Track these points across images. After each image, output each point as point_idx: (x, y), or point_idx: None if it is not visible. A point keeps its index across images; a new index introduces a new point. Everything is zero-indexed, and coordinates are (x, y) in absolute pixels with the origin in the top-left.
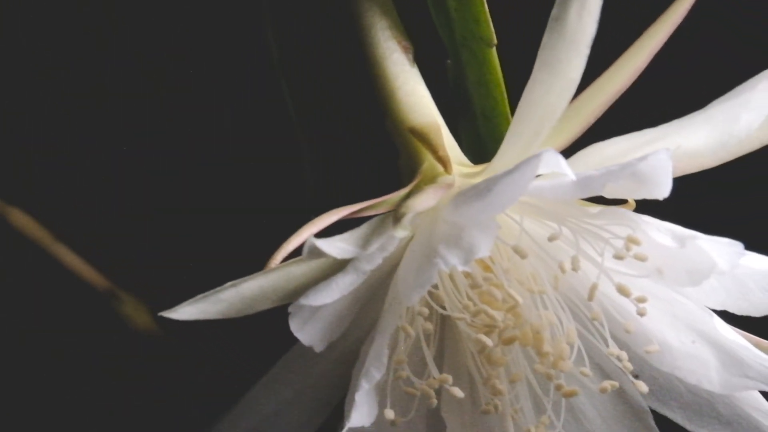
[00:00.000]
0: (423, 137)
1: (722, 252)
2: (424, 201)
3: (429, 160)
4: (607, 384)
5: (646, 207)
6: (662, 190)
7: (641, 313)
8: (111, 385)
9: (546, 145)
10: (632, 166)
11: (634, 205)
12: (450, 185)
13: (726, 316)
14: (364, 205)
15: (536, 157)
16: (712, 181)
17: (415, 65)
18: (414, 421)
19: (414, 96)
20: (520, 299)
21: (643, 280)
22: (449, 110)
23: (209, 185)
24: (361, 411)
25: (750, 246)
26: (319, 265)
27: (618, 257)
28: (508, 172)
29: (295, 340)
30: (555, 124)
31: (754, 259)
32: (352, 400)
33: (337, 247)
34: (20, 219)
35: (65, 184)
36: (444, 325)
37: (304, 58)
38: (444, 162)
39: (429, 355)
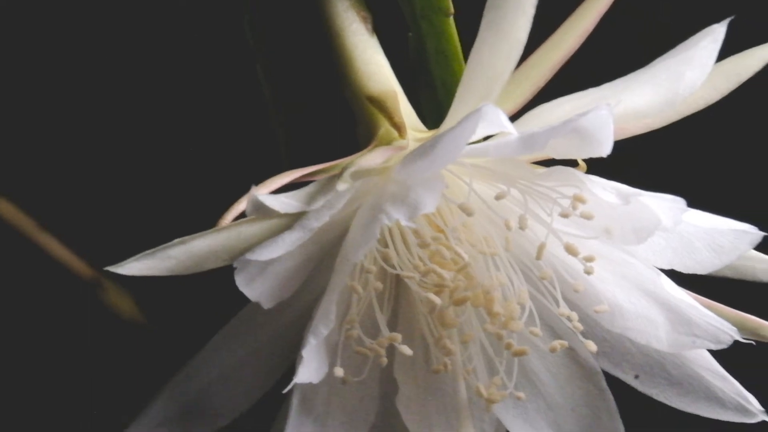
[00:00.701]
0: (380, 104)
1: (666, 208)
2: (371, 159)
3: (385, 127)
4: (557, 343)
5: None
6: (604, 147)
7: (588, 272)
8: (95, 373)
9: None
10: (573, 122)
11: (585, 167)
12: (402, 148)
13: (673, 275)
14: (316, 168)
15: (476, 111)
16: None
17: (374, 35)
18: (367, 382)
19: (372, 65)
20: (466, 257)
21: (592, 241)
22: (412, 81)
23: (192, 174)
24: (309, 367)
25: None
26: (271, 226)
27: (564, 215)
28: (450, 128)
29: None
30: (504, 88)
31: (698, 216)
32: (300, 356)
33: (280, 201)
34: (5, 208)
35: (49, 174)
36: (399, 287)
37: (280, 43)
38: (399, 127)
39: (380, 314)
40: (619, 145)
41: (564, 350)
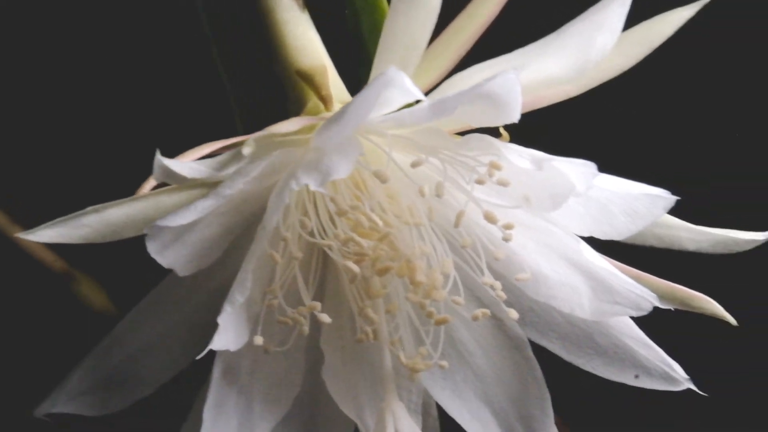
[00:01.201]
0: (309, 78)
1: (578, 172)
2: (284, 126)
3: (313, 101)
4: (479, 312)
5: None
6: (515, 112)
7: (506, 239)
8: (67, 364)
9: (417, 82)
10: (481, 87)
11: (507, 137)
12: (323, 119)
13: (604, 246)
14: (237, 140)
15: (381, 75)
16: None
17: (306, 11)
18: (293, 352)
19: (302, 40)
20: (380, 224)
21: (517, 211)
22: (350, 58)
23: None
24: (226, 335)
25: None
26: (190, 196)
27: (480, 182)
28: (358, 93)
29: None
30: (424, 58)
31: (612, 181)
32: (216, 324)
33: (188, 167)
34: None
35: (20, 167)
36: (327, 258)
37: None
38: (325, 100)
39: (302, 283)
40: (534, 114)
41: (491, 321)
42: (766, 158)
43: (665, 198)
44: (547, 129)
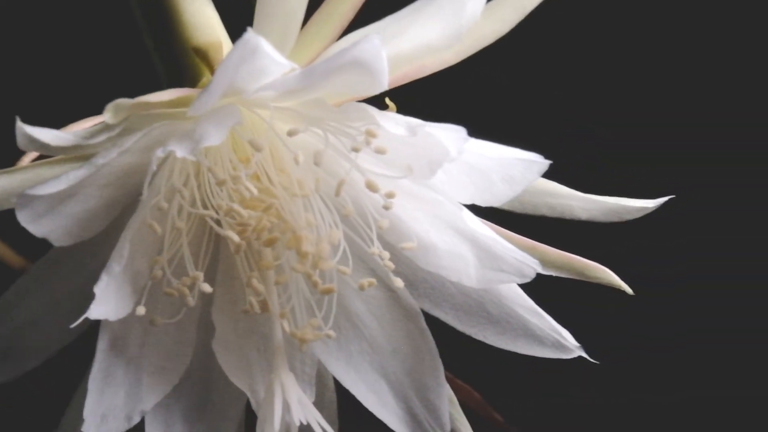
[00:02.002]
0: (203, 54)
1: (450, 137)
2: (157, 96)
3: (207, 76)
4: (365, 281)
5: None
6: (381, 78)
7: (387, 207)
8: None
9: (301, 54)
10: (346, 52)
11: (395, 107)
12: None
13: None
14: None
15: (240, 40)
16: None
17: None
18: (184, 325)
19: (199, 16)
20: (255, 191)
21: (403, 182)
22: None
23: None
24: (103, 305)
25: None
26: (69, 168)
27: (356, 149)
28: (222, 60)
29: None
30: (305, 29)
31: (488, 147)
32: (93, 294)
33: (53, 134)
34: None
35: None
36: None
37: None
38: None
39: (188, 254)
40: (409, 86)
41: (386, 293)
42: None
43: (539, 162)
44: (425, 98)
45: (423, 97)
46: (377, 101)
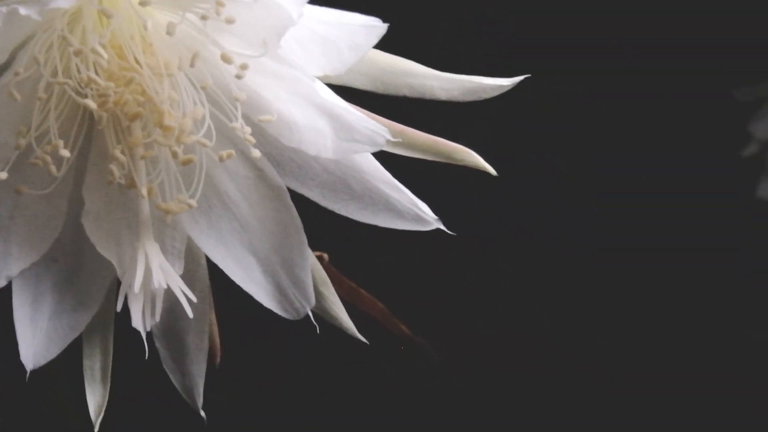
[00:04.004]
0: None
1: (289, 1)
2: None
3: None
4: (224, 153)
5: None
6: None
7: (239, 76)
8: None
9: None
10: None
11: None
12: None
13: None
14: None
15: None
16: None
17: None
18: (54, 198)
19: None
20: (104, 55)
21: (262, 59)
22: None
23: None
24: None
25: None
26: None
27: (204, 17)
28: None
29: None
30: None
31: (328, 13)
32: None
33: None
34: None
35: None
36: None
37: None
38: None
39: (53, 124)
40: None
41: (254, 172)
42: None
43: (379, 27)
44: None
45: None
46: None
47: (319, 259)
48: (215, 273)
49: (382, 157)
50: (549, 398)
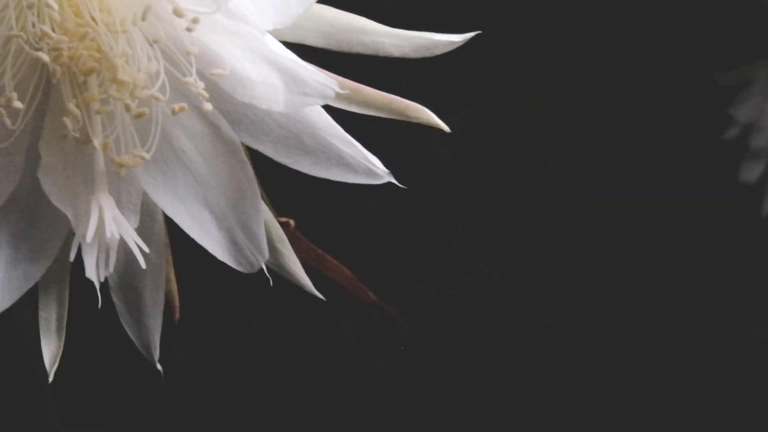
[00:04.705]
0: None
1: None
2: None
3: None
4: (176, 106)
5: None
6: None
7: (189, 29)
8: None
9: None
10: None
11: None
12: None
13: None
14: None
15: None
16: None
17: None
18: (11, 153)
19: None
20: (55, 6)
21: (216, 16)
22: None
23: None
24: None
25: None
26: None
27: None
28: None
29: None
30: None
31: None
32: None
33: None
34: None
35: None
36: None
37: None
38: None
39: (8, 76)
40: None
41: (209, 128)
42: None
43: None
44: None
45: None
46: None
47: (285, 225)
48: (176, 232)
49: (351, 118)
50: (547, 397)
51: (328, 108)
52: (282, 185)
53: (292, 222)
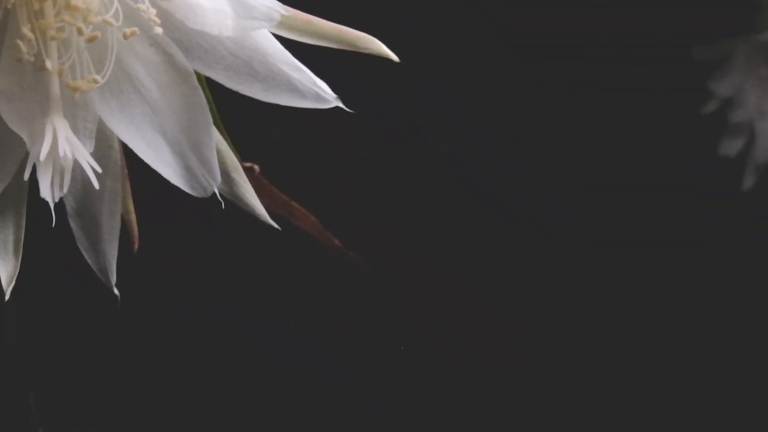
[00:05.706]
0: None
1: None
2: None
3: None
4: (128, 30)
5: None
6: None
7: None
8: None
9: None
10: None
11: None
12: None
13: None
14: None
15: None
16: None
17: None
18: None
19: None
20: None
21: None
22: None
23: None
24: None
25: None
26: None
27: None
28: None
29: None
30: None
31: None
32: None
33: None
34: None
35: None
36: None
37: None
38: None
39: None
40: None
41: (162, 57)
42: None
43: None
44: None
45: None
46: None
47: (250, 170)
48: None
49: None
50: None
51: (282, 40)
52: (246, 131)
53: (256, 167)
